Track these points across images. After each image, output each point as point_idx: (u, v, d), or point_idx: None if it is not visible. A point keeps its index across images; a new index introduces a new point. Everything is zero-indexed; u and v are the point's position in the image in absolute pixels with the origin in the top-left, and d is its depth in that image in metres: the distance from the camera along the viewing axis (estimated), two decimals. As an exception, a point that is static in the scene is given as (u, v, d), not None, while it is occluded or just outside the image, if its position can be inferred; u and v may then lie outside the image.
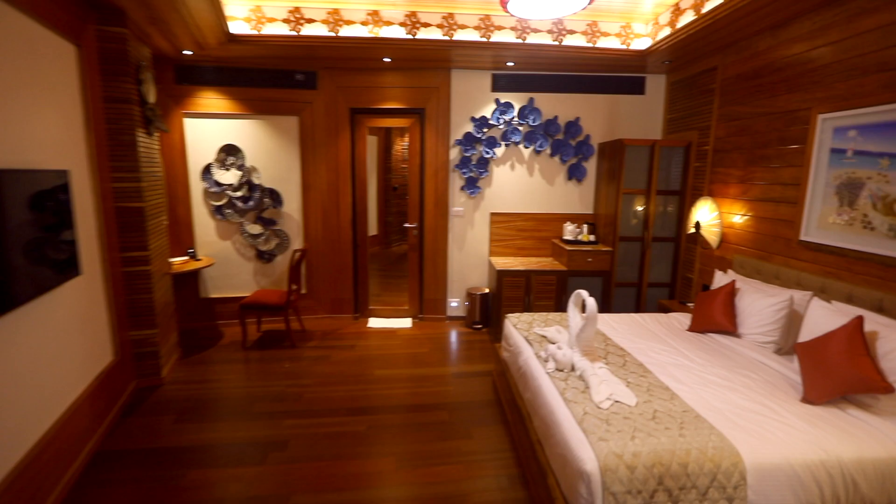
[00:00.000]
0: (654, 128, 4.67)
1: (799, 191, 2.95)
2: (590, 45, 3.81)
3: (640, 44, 3.86)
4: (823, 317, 2.38)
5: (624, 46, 3.86)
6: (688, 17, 3.26)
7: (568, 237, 4.56)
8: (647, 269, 4.38)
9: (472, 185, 4.59)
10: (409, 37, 3.69)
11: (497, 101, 4.47)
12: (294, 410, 3.03)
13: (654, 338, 2.96)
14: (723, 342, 2.87)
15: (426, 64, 4.31)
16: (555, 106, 4.55)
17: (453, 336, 4.49)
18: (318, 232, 4.71)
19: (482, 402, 3.18)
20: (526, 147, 4.58)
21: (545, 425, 2.12)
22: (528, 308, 4.32)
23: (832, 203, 2.74)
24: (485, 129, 4.48)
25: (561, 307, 4.34)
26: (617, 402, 2.05)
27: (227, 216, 4.50)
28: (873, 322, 2.16)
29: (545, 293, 4.31)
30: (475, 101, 4.52)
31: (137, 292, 3.21)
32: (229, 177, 4.40)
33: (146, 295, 3.23)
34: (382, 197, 7.56)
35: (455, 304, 4.88)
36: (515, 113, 4.49)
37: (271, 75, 4.40)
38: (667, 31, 3.53)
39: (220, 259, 4.57)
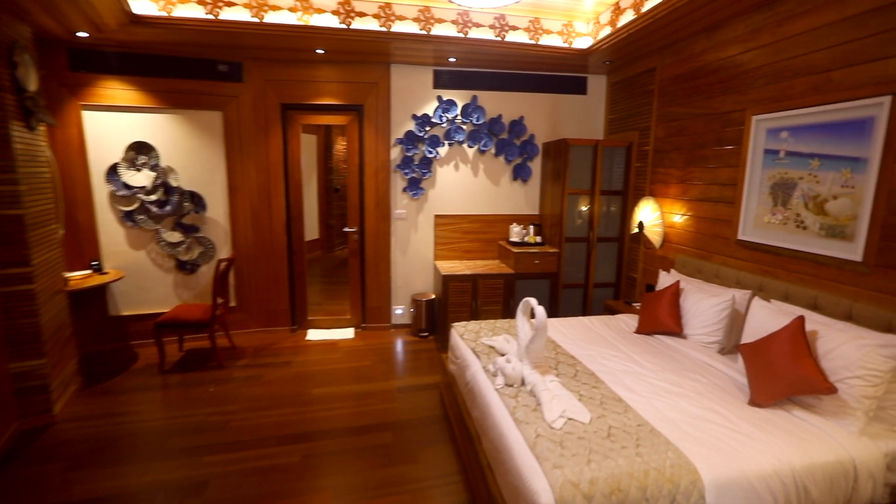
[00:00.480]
0: (597, 128, 4.68)
1: (736, 191, 2.99)
2: (532, 42, 3.72)
3: (582, 43, 3.82)
4: (765, 316, 2.39)
5: (566, 45, 3.81)
6: (628, 17, 3.23)
7: (514, 239, 4.46)
8: (593, 270, 4.37)
9: (414, 187, 4.37)
10: (344, 27, 3.41)
11: (439, 98, 4.28)
12: (217, 443, 2.67)
13: (603, 342, 2.89)
14: (669, 344, 2.85)
15: (364, 57, 4.04)
16: (499, 104, 4.43)
17: (398, 346, 4.25)
18: (247, 238, 4.29)
19: (429, 419, 2.98)
20: (470, 146, 4.42)
21: (495, 449, 1.95)
22: (475, 314, 4.17)
23: (767, 203, 2.79)
24: (427, 128, 4.28)
25: (509, 311, 4.22)
26: (570, 419, 1.91)
27: (140, 223, 3.98)
28: (813, 322, 2.18)
29: (493, 297, 4.18)
30: (417, 98, 4.31)
31: (18, 316, 2.70)
32: (141, 178, 3.89)
33: (30, 319, 2.73)
34: (324, 199, 7.16)
35: (400, 311, 4.64)
36: (459, 111, 4.32)
37: (190, 65, 3.94)
38: (607, 31, 3.50)
39: (133, 271, 4.04)
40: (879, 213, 2.16)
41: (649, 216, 3.68)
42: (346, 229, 4.53)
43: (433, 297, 4.48)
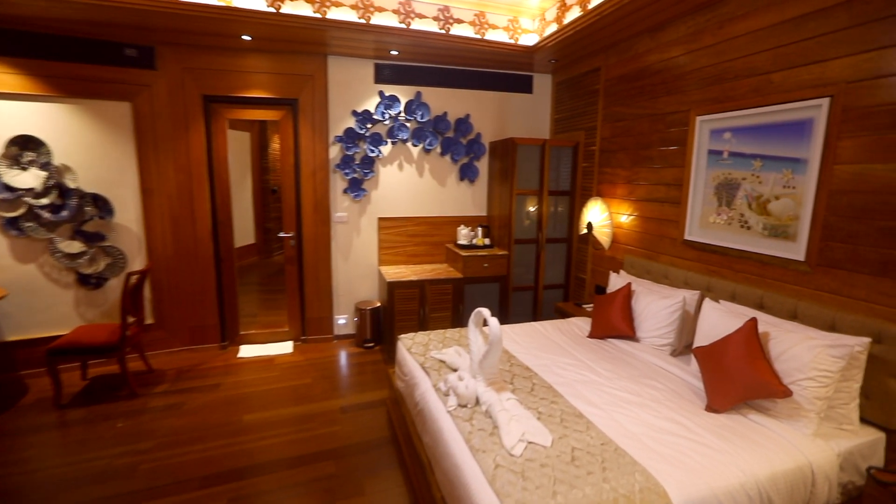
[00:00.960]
0: (543, 127, 4.63)
1: (681, 191, 3.00)
2: (478, 36, 3.56)
3: (528, 39, 3.72)
4: (716, 318, 2.37)
5: (512, 41, 3.69)
6: (574, 13, 3.15)
7: (462, 241, 4.30)
8: (543, 272, 4.31)
9: (356, 188, 4.08)
10: (272, 10, 3.07)
11: (381, 93, 4.02)
12: (123, 493, 2.27)
13: (557, 350, 2.78)
14: (623, 348, 2.80)
15: (297, 47, 3.69)
16: (444, 101, 4.25)
17: (342, 359, 3.95)
18: (166, 246, 3.80)
19: (376, 442, 2.73)
20: (415, 145, 4.20)
21: (450, 483, 1.75)
22: (423, 321, 3.96)
23: (712, 203, 2.81)
24: (369, 125, 4.00)
25: (458, 317, 4.05)
26: (531, 443, 1.75)
27: (28, 231, 3.39)
28: (763, 322, 2.17)
29: (441, 304, 3.99)
30: (357, 93, 4.02)
31: None
32: (28, 179, 3.31)
33: None
34: (259, 200, 6.63)
35: (343, 321, 4.33)
36: (402, 107, 4.09)
37: (90, 47, 3.41)
38: (554, 28, 3.42)
39: (20, 289, 3.44)
40: (820, 213, 2.20)
41: (598, 217, 3.65)
42: (282, 234, 4.15)
43: (378, 304, 4.22)
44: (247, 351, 4.04)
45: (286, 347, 4.13)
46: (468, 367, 2.31)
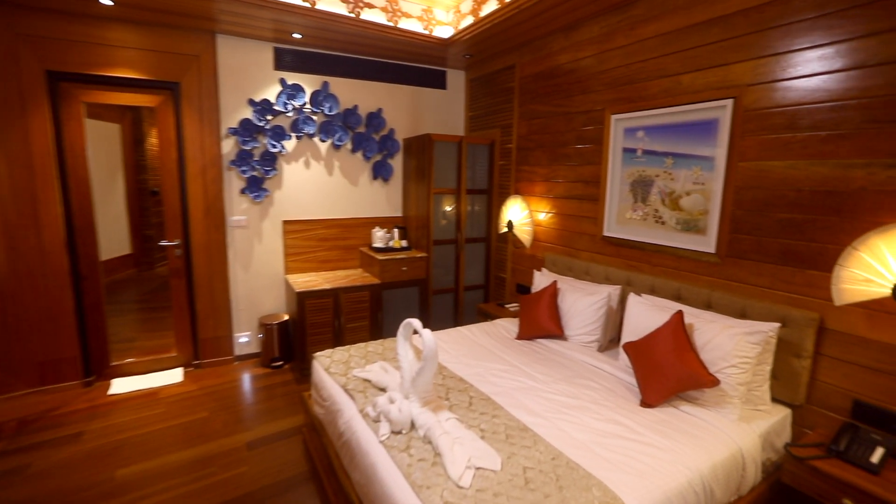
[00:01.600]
0: (458, 124, 4.52)
1: (599, 188, 3.05)
2: (391, 24, 3.31)
3: (443, 32, 3.57)
4: (642, 312, 2.41)
5: (426, 32, 3.50)
6: (491, 6, 3.06)
7: (378, 244, 4.01)
8: (463, 273, 4.19)
9: (256, 187, 3.59)
10: (138, -29, 2.52)
11: (283, 81, 3.58)
12: None
13: (488, 355, 2.65)
14: (553, 348, 2.75)
15: (178, 20, 3.12)
16: (354, 94, 3.93)
17: (245, 383, 3.44)
18: (-2, 263, 2.98)
19: (293, 481, 2.35)
20: (323, 140, 3.82)
21: (391, 529, 1.49)
22: (338, 333, 3.61)
23: (628, 200, 2.88)
24: (269, 116, 3.54)
25: (377, 327, 3.77)
26: (479, 469, 1.56)
27: None
28: (686, 314, 2.23)
29: (358, 313, 3.68)
30: (254, 79, 3.53)
31: None
32: None
33: None
34: (136, 204, 5.63)
35: (245, 339, 3.80)
36: (307, 98, 3.68)
37: None
38: (469, 20, 3.30)
39: None
40: (728, 207, 2.33)
41: (518, 215, 3.61)
42: (164, 243, 3.50)
43: (286, 318, 3.77)
44: (121, 385, 3.34)
45: (174, 376, 3.50)
46: (398, 385, 2.07)
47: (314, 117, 3.72)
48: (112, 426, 2.82)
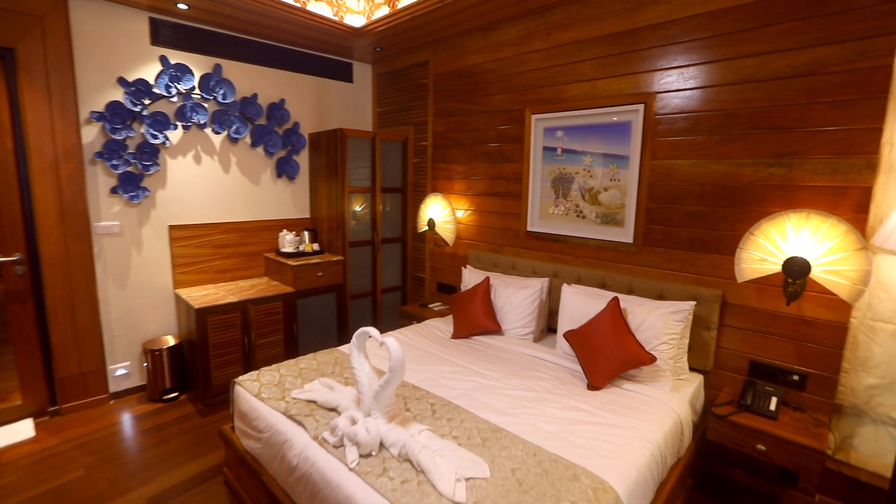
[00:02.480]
0: (365, 120, 4.32)
1: (521, 185, 3.16)
2: (297, 4, 3.00)
3: (354, 21, 3.35)
4: (577, 302, 2.55)
5: (336, 18, 3.25)
6: (410, -3, 2.96)
7: (288, 249, 3.64)
8: (380, 275, 4.02)
9: (132, 186, 2.96)
10: None
11: (164, 60, 3.01)
12: None
13: (432, 358, 2.56)
14: (492, 344, 2.77)
15: (4, -31, 2.40)
16: (253, 81, 3.48)
17: (129, 425, 2.82)
18: None
19: (222, 531, 1.99)
20: (217, 132, 3.31)
21: (387, 565, 1.33)
22: (249, 352, 3.18)
23: (550, 196, 3.04)
24: (146, 100, 2.95)
25: (292, 341, 3.41)
26: (469, 479, 1.48)
27: None
28: (621, 301, 2.42)
29: (270, 326, 3.28)
30: (125, 54, 2.90)
31: None
32: None
33: None
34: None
35: (123, 371, 3.12)
36: (196, 82, 3.16)
37: None
38: (385, 11, 3.15)
39: None
40: (642, 201, 2.59)
41: (440, 213, 3.57)
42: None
43: (179, 340, 3.19)
44: (-64, 453, 2.48)
45: (21, 431, 2.71)
46: (352, 402, 1.88)
47: (205, 105, 3.20)
48: (-67, 512, 2.07)
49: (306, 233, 3.73)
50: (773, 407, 2.07)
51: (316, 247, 3.73)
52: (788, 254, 2.00)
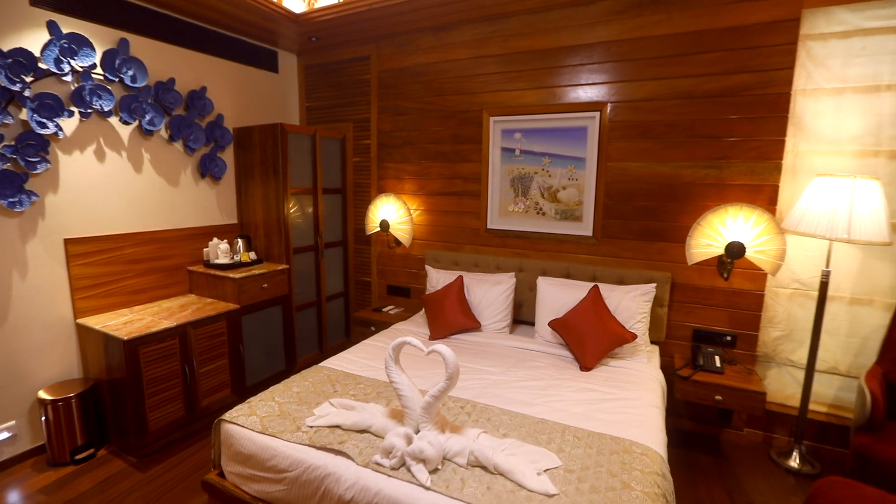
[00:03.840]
0: (292, 114, 3.95)
1: (480, 185, 3.26)
2: (236, -20, 2.62)
3: (294, 5, 3.04)
4: (554, 292, 2.75)
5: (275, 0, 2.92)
6: (368, -12, 2.81)
7: (221, 260, 3.17)
8: (325, 282, 3.75)
9: (11, 188, 2.26)
10: None
11: (53, 27, 2.35)
12: None
13: (424, 362, 2.50)
14: (473, 340, 2.82)
15: None
16: (168, 63, 2.92)
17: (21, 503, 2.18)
18: None
19: None
20: (126, 122, 2.71)
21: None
22: (190, 385, 2.70)
23: (509, 194, 3.19)
24: (28, 77, 2.27)
25: (239, 364, 3.00)
26: (546, 470, 1.54)
27: None
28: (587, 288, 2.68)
29: (214, 351, 2.83)
30: (-15, 16, 2.19)
31: None
32: None
33: None
34: None
35: (5, 434, 2.39)
36: (98, 59, 2.54)
37: None
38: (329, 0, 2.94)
39: None
40: (600, 198, 2.89)
41: (394, 214, 3.47)
42: None
43: (91, 383, 2.56)
44: None
45: None
46: (387, 418, 1.79)
47: (110, 88, 2.59)
48: None
49: (240, 240, 3.28)
50: (718, 364, 2.53)
51: (253, 255, 3.31)
52: (728, 239, 2.47)
